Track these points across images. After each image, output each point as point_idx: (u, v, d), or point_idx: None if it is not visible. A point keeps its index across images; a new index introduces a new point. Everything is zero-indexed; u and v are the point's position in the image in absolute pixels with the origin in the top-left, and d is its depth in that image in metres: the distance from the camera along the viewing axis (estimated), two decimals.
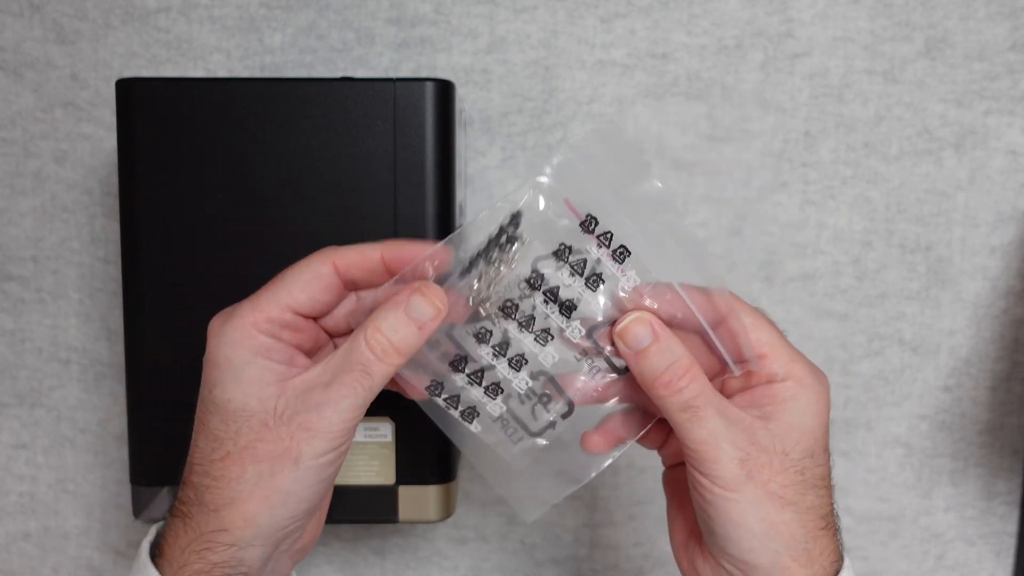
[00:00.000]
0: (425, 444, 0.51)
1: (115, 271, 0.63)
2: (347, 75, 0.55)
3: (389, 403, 0.47)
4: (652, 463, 0.65)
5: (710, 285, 0.38)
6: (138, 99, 0.48)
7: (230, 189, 0.48)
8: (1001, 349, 0.63)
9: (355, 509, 0.51)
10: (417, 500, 0.51)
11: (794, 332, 0.63)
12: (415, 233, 0.48)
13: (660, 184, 0.38)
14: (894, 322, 0.63)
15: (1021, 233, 0.62)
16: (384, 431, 0.49)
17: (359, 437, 0.49)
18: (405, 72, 0.61)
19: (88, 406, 0.64)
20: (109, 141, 0.62)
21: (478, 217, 0.38)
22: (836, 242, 0.63)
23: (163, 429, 0.50)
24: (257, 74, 0.61)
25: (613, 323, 0.38)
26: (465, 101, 0.61)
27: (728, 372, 0.39)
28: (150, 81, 0.48)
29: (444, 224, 0.48)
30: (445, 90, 0.48)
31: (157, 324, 0.48)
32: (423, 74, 0.61)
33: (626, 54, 0.61)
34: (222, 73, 0.61)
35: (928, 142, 0.62)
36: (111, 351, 0.64)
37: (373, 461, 0.49)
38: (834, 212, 0.62)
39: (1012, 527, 0.65)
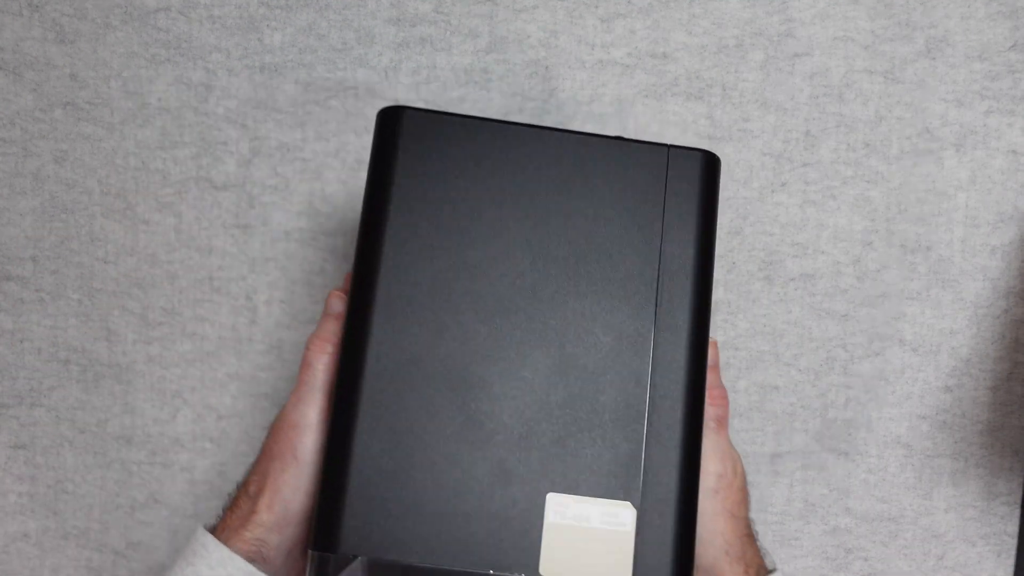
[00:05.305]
0: (669, 541, 0.42)
1: (114, 270, 0.63)
2: (620, 135, 0.51)
3: (633, 482, 0.42)
4: None
5: None
6: (403, 129, 0.45)
7: (481, 235, 0.44)
8: (1002, 349, 0.63)
9: None
10: None
11: (794, 332, 0.63)
12: (673, 306, 0.44)
13: None
14: (894, 322, 0.63)
15: (1022, 233, 0.62)
16: (624, 518, 0.41)
17: (595, 523, 0.41)
18: (405, 72, 0.61)
19: (87, 406, 0.64)
20: (108, 141, 0.62)
21: None
22: (836, 242, 0.62)
23: (381, 487, 0.42)
24: (256, 73, 0.61)
25: None
26: (465, 101, 0.61)
27: None
28: (417, 111, 0.46)
29: (702, 306, 0.45)
30: (712, 164, 0.46)
31: (381, 367, 0.43)
32: (423, 74, 0.61)
33: (626, 54, 0.61)
34: (221, 72, 0.61)
35: (928, 142, 0.62)
36: (110, 351, 0.64)
37: (607, 555, 0.40)
38: (834, 212, 0.62)
39: (1013, 527, 0.65)
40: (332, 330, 0.46)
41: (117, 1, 0.61)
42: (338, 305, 0.47)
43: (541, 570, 0.40)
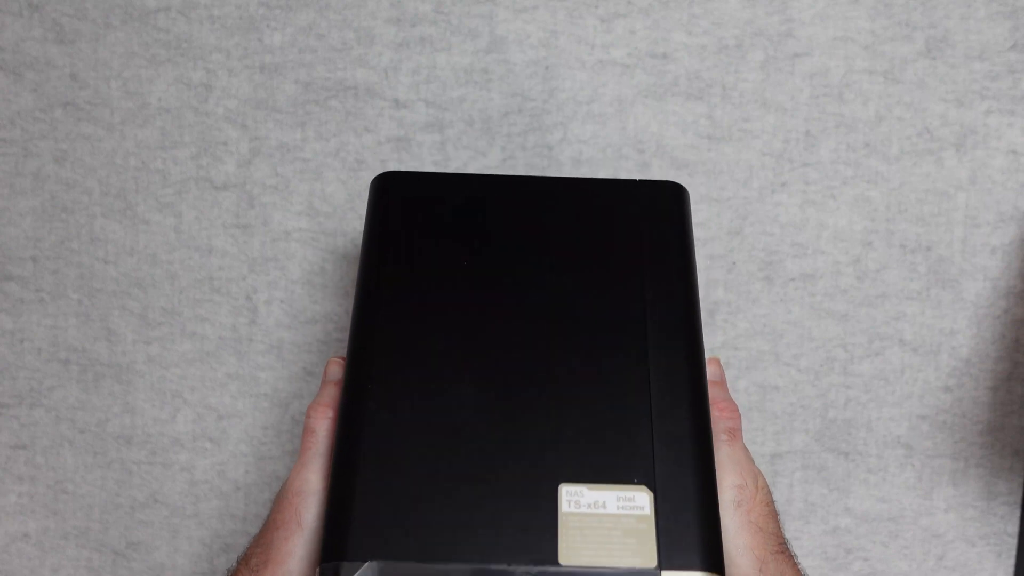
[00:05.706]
0: (691, 520, 0.41)
1: (114, 270, 0.63)
2: (592, 176, 0.57)
3: (645, 467, 0.42)
4: None
5: None
6: (394, 191, 0.48)
7: (474, 284, 0.47)
8: (1002, 349, 0.63)
9: None
10: None
11: (794, 332, 0.63)
12: (666, 323, 0.46)
13: None
14: (894, 322, 0.63)
15: (1022, 233, 0.62)
16: (640, 502, 0.41)
17: (611, 508, 0.41)
18: (405, 72, 0.61)
19: (87, 406, 0.64)
20: (108, 141, 0.62)
21: None
22: (836, 242, 0.62)
23: (389, 490, 0.41)
24: (256, 73, 0.61)
25: None
26: (465, 101, 0.61)
27: None
28: (408, 175, 0.50)
29: (690, 303, 0.47)
30: (679, 192, 0.50)
31: (383, 406, 0.43)
32: (423, 74, 0.61)
33: (626, 54, 0.61)
34: (221, 72, 0.61)
35: (929, 142, 0.62)
36: (110, 351, 0.64)
37: (628, 538, 0.40)
38: (834, 212, 0.62)
39: (1013, 527, 0.65)
40: (332, 395, 0.45)
41: (117, 1, 0.61)
42: (337, 372, 0.47)
43: (561, 559, 0.39)
